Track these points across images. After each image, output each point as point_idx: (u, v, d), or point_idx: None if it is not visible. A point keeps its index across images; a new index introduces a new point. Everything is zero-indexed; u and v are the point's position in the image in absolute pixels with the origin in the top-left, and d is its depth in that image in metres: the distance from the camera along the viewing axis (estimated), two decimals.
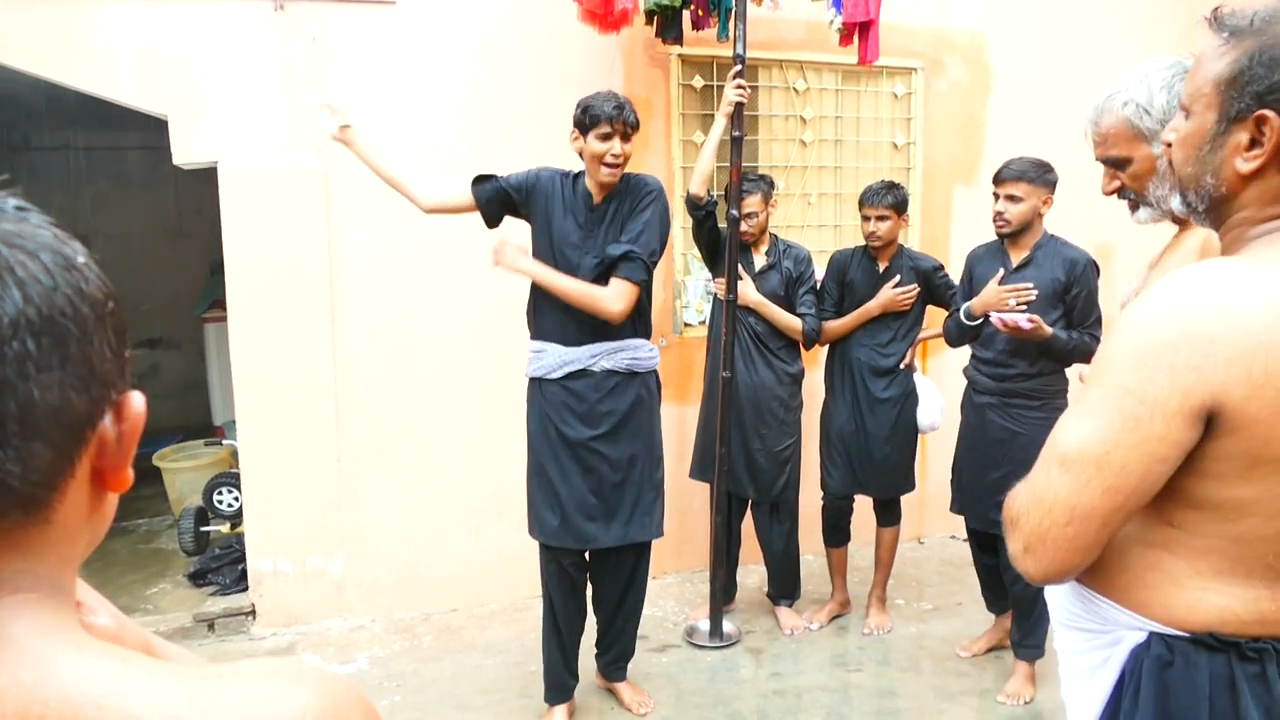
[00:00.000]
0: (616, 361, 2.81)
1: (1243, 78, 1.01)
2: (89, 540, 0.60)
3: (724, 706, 3.18)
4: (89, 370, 0.54)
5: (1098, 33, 4.54)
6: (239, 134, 3.50)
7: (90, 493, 0.57)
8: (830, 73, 4.28)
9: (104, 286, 0.57)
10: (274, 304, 3.57)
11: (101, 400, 0.55)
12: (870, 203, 3.50)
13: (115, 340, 0.57)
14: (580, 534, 2.84)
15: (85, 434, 0.55)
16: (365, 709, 0.58)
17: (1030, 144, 4.10)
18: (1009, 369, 3.10)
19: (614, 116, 2.67)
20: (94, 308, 0.55)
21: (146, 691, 0.51)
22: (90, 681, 0.51)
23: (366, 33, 3.60)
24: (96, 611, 0.69)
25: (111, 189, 4.35)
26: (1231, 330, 0.95)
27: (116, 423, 0.57)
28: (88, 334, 0.54)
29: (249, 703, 0.52)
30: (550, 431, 2.83)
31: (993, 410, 3.15)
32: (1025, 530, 1.06)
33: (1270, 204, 1.04)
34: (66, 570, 0.57)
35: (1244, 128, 1.02)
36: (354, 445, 3.74)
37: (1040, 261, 3.08)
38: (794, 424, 3.65)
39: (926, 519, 4.58)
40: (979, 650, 3.47)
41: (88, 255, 0.57)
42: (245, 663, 0.56)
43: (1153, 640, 1.08)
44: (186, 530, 4.25)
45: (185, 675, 0.54)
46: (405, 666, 3.48)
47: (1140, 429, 0.98)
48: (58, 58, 3.30)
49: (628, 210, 2.79)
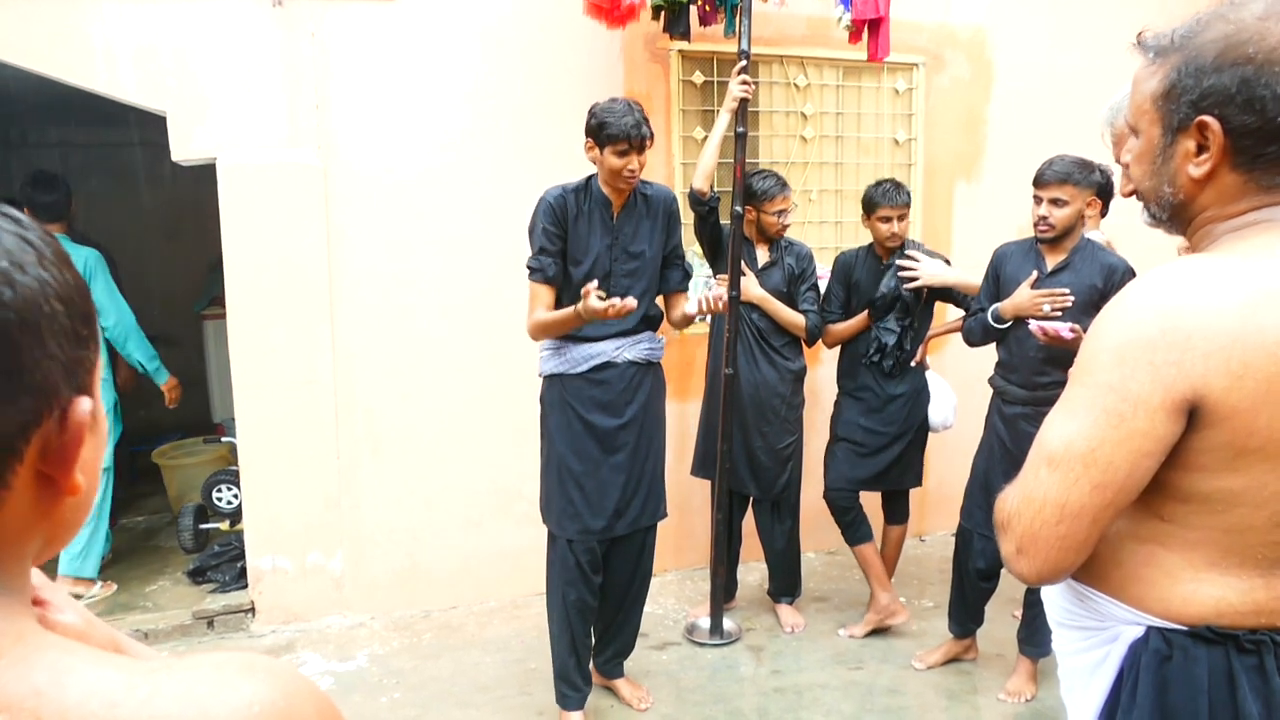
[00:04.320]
0: (637, 353, 2.90)
1: (1175, 90, 1.07)
2: (44, 541, 0.59)
3: (724, 704, 3.17)
4: (18, 381, 0.52)
5: (1101, 27, 4.52)
6: (238, 130, 3.49)
7: (37, 496, 0.56)
8: (831, 68, 4.26)
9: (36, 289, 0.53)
10: (273, 301, 3.56)
11: (39, 410, 0.53)
12: (890, 203, 3.43)
13: (56, 344, 0.54)
14: (609, 523, 2.90)
15: (15, 446, 0.53)
16: (320, 704, 0.56)
17: (1032, 140, 4.09)
18: (1043, 376, 2.97)
19: (632, 135, 2.68)
20: (22, 313, 0.52)
21: (87, 680, 0.51)
22: (31, 670, 0.50)
23: (366, 28, 3.58)
24: (63, 610, 0.69)
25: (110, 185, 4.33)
26: (1208, 324, 0.97)
27: (60, 430, 0.55)
28: (14, 343, 0.51)
29: (193, 691, 0.51)
30: (576, 425, 2.87)
31: (1026, 421, 2.97)
32: (1017, 532, 1.08)
33: (1230, 202, 1.07)
34: (13, 568, 0.56)
35: (1188, 136, 1.07)
36: (353, 442, 3.73)
37: (1078, 267, 2.95)
38: (796, 421, 3.63)
39: (928, 517, 4.57)
40: (934, 662, 3.37)
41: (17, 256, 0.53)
42: (201, 655, 0.56)
43: (1151, 634, 1.09)
44: (186, 528, 4.24)
45: (129, 665, 0.53)
46: (405, 664, 3.47)
47: (1124, 425, 1.00)
48: (57, 54, 3.29)
49: (653, 215, 2.90)
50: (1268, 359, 0.96)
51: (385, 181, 3.67)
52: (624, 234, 2.86)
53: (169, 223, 6.15)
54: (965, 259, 4.39)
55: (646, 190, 2.91)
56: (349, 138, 3.61)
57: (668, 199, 2.96)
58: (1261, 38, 1.00)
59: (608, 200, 2.84)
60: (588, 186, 2.86)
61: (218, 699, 0.51)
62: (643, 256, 2.89)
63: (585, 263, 2.82)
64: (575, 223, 2.83)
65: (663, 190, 2.97)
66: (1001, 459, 3.07)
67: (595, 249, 2.83)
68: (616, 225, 2.85)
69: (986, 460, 3.18)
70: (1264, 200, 1.06)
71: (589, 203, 2.84)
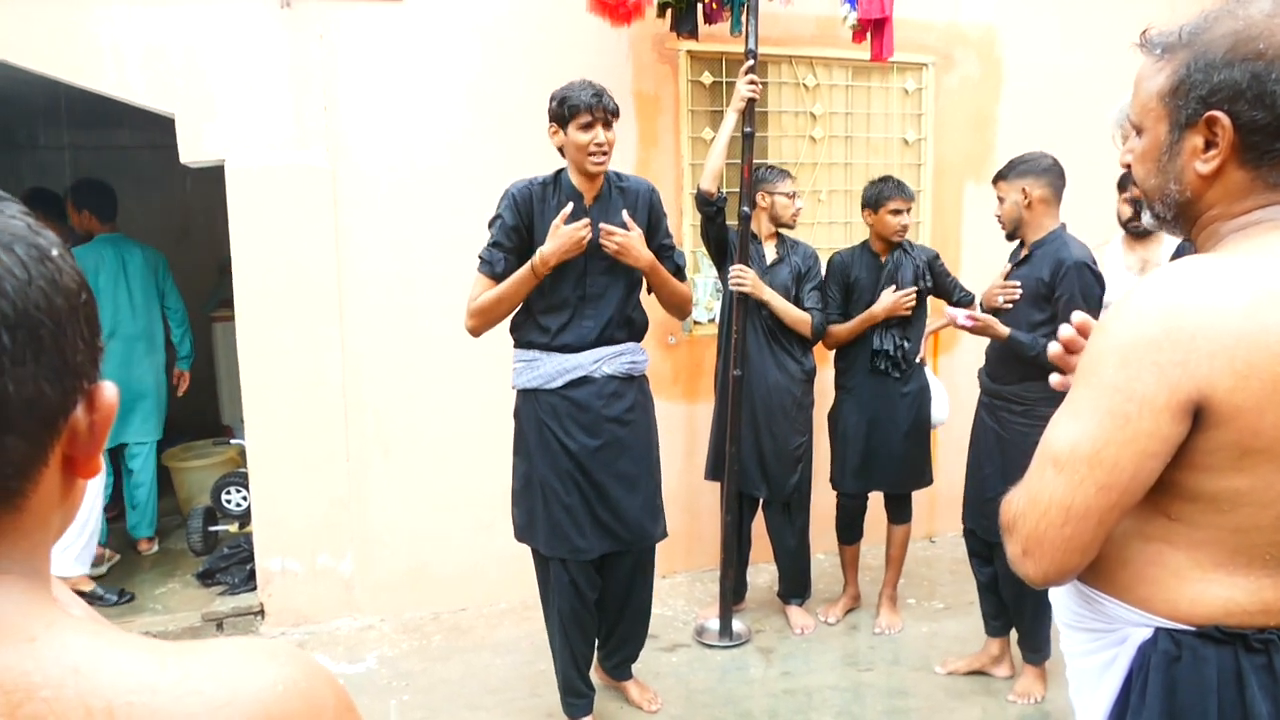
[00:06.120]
0: (617, 366, 2.75)
1: (1184, 85, 1.06)
2: (60, 524, 0.61)
3: (734, 706, 3.16)
4: (62, 362, 0.55)
5: (1112, 26, 4.49)
6: (246, 132, 3.50)
7: (61, 480, 0.58)
8: (840, 68, 4.25)
9: (76, 277, 0.57)
10: (282, 302, 3.57)
11: (74, 391, 0.56)
12: (901, 195, 3.47)
13: (88, 331, 0.57)
14: (594, 544, 2.76)
15: (58, 425, 0.56)
16: (337, 689, 0.59)
17: (1043, 139, 4.06)
18: (1000, 370, 3.04)
19: (593, 104, 2.57)
20: (67, 299, 0.55)
21: (120, 660, 0.53)
22: (66, 650, 0.52)
23: (373, 30, 3.59)
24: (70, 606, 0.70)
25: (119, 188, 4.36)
26: (1213, 324, 0.97)
27: (88, 412, 0.58)
28: (61, 326, 0.54)
29: (222, 670, 0.54)
30: (552, 444, 2.71)
31: (984, 410, 3.12)
32: (1023, 533, 1.08)
33: (1237, 200, 1.07)
34: (40, 553, 0.58)
35: (1196, 132, 1.06)
36: (362, 444, 3.73)
37: (1036, 260, 2.96)
38: (806, 422, 3.62)
39: (937, 518, 4.55)
40: (959, 670, 3.32)
41: (61, 246, 0.57)
42: (223, 639, 0.58)
43: (1159, 635, 1.08)
44: (195, 530, 4.26)
45: (159, 647, 0.55)
46: (414, 666, 3.47)
47: (1129, 426, 1.00)
48: (65, 57, 3.30)
49: (631, 207, 2.73)
50: (1273, 359, 0.95)
51: (393, 182, 3.67)
52: (596, 228, 2.64)
53: (178, 225, 6.17)
54: (975, 259, 4.38)
55: (622, 183, 2.77)
56: (357, 139, 3.62)
57: (646, 190, 2.80)
58: (1272, 34, 1.01)
59: (579, 193, 2.69)
60: (557, 180, 2.73)
61: (245, 678, 0.54)
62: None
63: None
64: (542, 217, 2.66)
65: (640, 182, 2.83)
66: (971, 445, 3.21)
67: None
68: (590, 218, 2.65)
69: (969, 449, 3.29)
70: (1271, 198, 1.05)
71: (558, 196, 2.69)
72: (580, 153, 2.62)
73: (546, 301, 2.70)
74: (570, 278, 2.68)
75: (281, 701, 0.54)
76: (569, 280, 2.68)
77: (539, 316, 2.74)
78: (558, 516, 2.73)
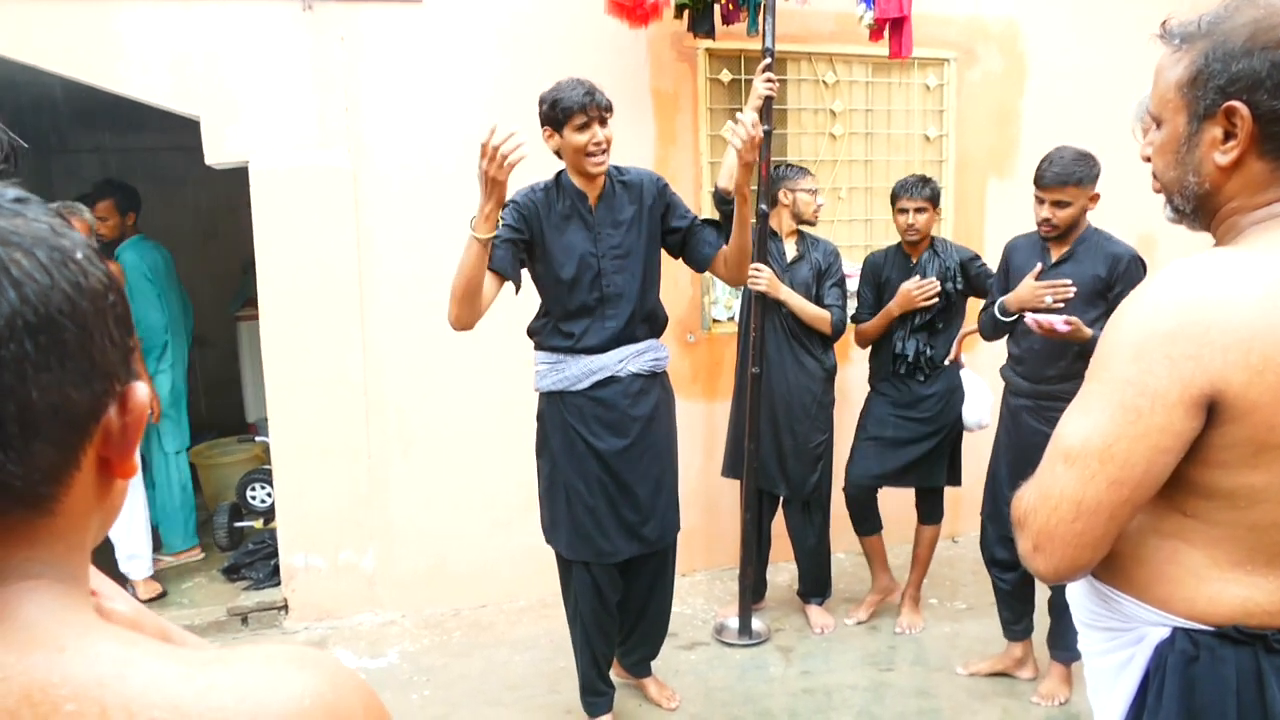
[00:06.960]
0: (641, 364, 2.72)
1: (1203, 76, 1.05)
2: (99, 526, 0.61)
3: (753, 704, 3.15)
4: (89, 365, 0.54)
5: (1136, 18, 4.43)
6: (269, 134, 3.53)
7: (97, 481, 0.58)
8: (860, 65, 4.22)
9: (103, 278, 0.56)
10: (305, 302, 3.60)
11: (104, 394, 0.56)
12: (909, 194, 3.43)
13: (117, 331, 0.56)
14: (619, 546, 2.75)
15: (88, 428, 0.55)
16: (367, 698, 0.59)
17: (1068, 134, 4.01)
18: (1048, 369, 2.94)
19: (586, 103, 2.51)
20: (93, 301, 0.54)
21: (148, 671, 0.53)
22: (95, 661, 0.52)
23: (394, 31, 3.61)
24: (114, 599, 0.71)
25: (145, 190, 4.42)
26: (1227, 318, 0.95)
27: (121, 414, 0.57)
28: (87, 329, 0.54)
29: (247, 683, 0.54)
30: (578, 446, 2.69)
31: (1028, 414, 2.98)
32: (1034, 528, 1.07)
33: (1257, 192, 1.05)
34: (76, 556, 0.58)
35: (1215, 123, 1.05)
36: (384, 442, 3.76)
37: (1081, 257, 2.92)
38: (827, 420, 3.60)
39: (961, 518, 4.51)
40: (981, 671, 3.29)
41: (87, 247, 0.56)
42: (251, 646, 0.58)
43: (1177, 635, 1.07)
44: (220, 526, 4.31)
45: (187, 656, 0.55)
46: (435, 661, 3.49)
47: (1142, 421, 0.99)
48: (90, 60, 3.35)
49: (636, 201, 2.70)
50: None
51: (414, 182, 3.69)
52: (605, 228, 2.64)
53: (203, 226, 6.24)
54: (998, 256, 4.32)
55: (623, 177, 2.71)
56: (378, 140, 3.64)
57: (650, 180, 2.74)
58: None
59: (582, 193, 2.64)
60: (558, 183, 2.67)
61: (271, 691, 0.54)
62: (632, 249, 2.67)
63: (569, 264, 2.63)
64: (547, 224, 2.62)
65: (642, 173, 2.77)
66: (1006, 450, 3.09)
67: (578, 249, 2.63)
68: (595, 219, 2.63)
69: (993, 450, 3.20)
70: None
71: (562, 201, 2.64)
72: (579, 154, 2.56)
73: (566, 309, 2.69)
74: (586, 282, 2.66)
75: (308, 715, 0.54)
76: (585, 285, 2.66)
77: (560, 323, 2.71)
78: (581, 519, 2.72)
